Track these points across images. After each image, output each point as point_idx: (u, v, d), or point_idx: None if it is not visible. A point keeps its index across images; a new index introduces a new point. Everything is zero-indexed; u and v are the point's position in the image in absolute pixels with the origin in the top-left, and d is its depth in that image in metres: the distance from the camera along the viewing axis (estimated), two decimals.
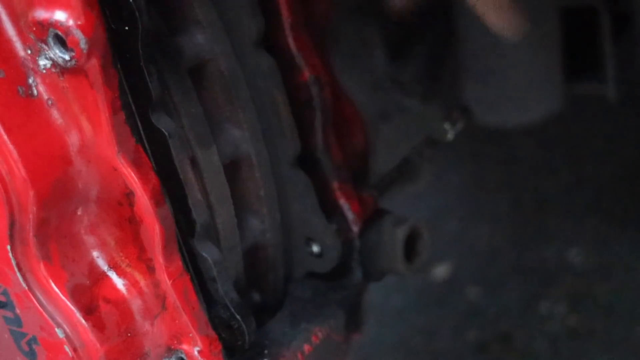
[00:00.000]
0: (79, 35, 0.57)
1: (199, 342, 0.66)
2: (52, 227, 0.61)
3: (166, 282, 0.65)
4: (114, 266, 0.65)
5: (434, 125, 0.92)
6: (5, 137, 0.58)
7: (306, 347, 0.73)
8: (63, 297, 0.62)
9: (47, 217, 0.61)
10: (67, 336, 0.62)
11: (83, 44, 0.57)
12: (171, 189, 0.65)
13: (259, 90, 0.74)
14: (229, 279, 0.69)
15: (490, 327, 1.41)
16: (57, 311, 0.62)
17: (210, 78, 0.71)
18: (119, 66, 0.61)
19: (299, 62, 0.75)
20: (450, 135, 0.91)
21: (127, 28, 0.61)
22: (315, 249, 0.78)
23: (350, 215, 0.78)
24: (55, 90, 0.60)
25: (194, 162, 0.68)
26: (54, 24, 0.58)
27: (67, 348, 0.62)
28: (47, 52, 0.59)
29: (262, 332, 0.73)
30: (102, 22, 0.59)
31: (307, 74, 0.76)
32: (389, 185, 0.87)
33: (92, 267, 0.64)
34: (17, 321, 0.63)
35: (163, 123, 0.64)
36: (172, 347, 0.67)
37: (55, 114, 0.60)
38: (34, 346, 0.64)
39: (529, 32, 1.27)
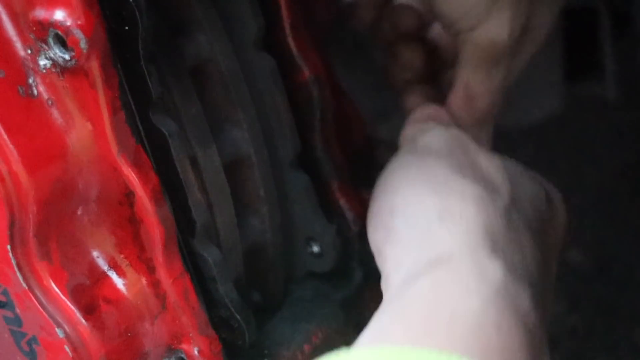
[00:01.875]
0: (79, 35, 0.57)
1: (199, 342, 0.66)
2: (52, 227, 0.61)
3: (166, 282, 0.65)
4: (114, 266, 0.65)
5: None
6: (5, 136, 0.58)
7: (306, 347, 0.73)
8: (63, 297, 0.62)
9: (47, 217, 0.61)
10: (67, 336, 0.62)
11: (83, 44, 0.57)
12: (171, 189, 0.65)
13: (259, 90, 0.74)
14: (229, 279, 0.69)
15: None
16: (57, 311, 0.62)
17: (210, 78, 0.71)
18: (119, 66, 0.61)
19: (299, 61, 0.75)
20: None
21: (127, 28, 0.61)
22: (316, 248, 0.78)
23: (350, 215, 0.78)
24: (55, 90, 0.60)
25: (194, 162, 0.68)
26: (54, 24, 0.57)
27: (67, 348, 0.62)
28: (47, 52, 0.59)
29: (262, 332, 0.73)
30: (102, 22, 0.59)
31: (307, 73, 0.76)
32: None
33: (92, 267, 0.64)
34: (17, 321, 0.63)
35: (163, 123, 0.64)
36: (172, 346, 0.67)
37: (55, 113, 0.60)
38: (34, 346, 0.64)
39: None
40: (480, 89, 0.78)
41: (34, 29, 0.58)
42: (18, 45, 0.59)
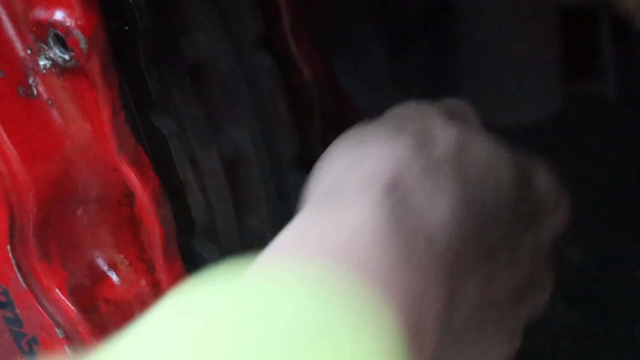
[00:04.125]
0: (78, 35, 0.57)
1: None
2: (52, 227, 0.61)
3: (166, 282, 0.65)
4: (113, 266, 0.65)
5: None
6: (5, 136, 0.58)
7: None
8: (63, 297, 0.62)
9: (47, 217, 0.61)
10: (67, 336, 0.62)
11: (83, 44, 0.58)
12: (171, 189, 0.65)
13: (259, 90, 0.74)
14: None
15: None
16: (57, 311, 0.62)
17: (210, 78, 0.71)
18: (118, 66, 0.61)
19: (299, 62, 0.75)
20: None
21: (126, 28, 0.61)
22: None
23: None
24: (55, 90, 0.60)
25: (193, 162, 0.68)
26: (54, 24, 0.58)
27: (67, 348, 0.62)
28: (47, 52, 0.59)
29: None
30: (102, 22, 0.59)
31: (306, 73, 0.76)
32: None
33: (92, 267, 0.64)
34: (17, 321, 0.63)
35: (163, 123, 0.64)
36: None
37: (55, 114, 0.60)
38: (34, 346, 0.64)
39: (528, 31, 1.27)
40: None
41: (34, 29, 0.58)
42: (18, 45, 0.59)
